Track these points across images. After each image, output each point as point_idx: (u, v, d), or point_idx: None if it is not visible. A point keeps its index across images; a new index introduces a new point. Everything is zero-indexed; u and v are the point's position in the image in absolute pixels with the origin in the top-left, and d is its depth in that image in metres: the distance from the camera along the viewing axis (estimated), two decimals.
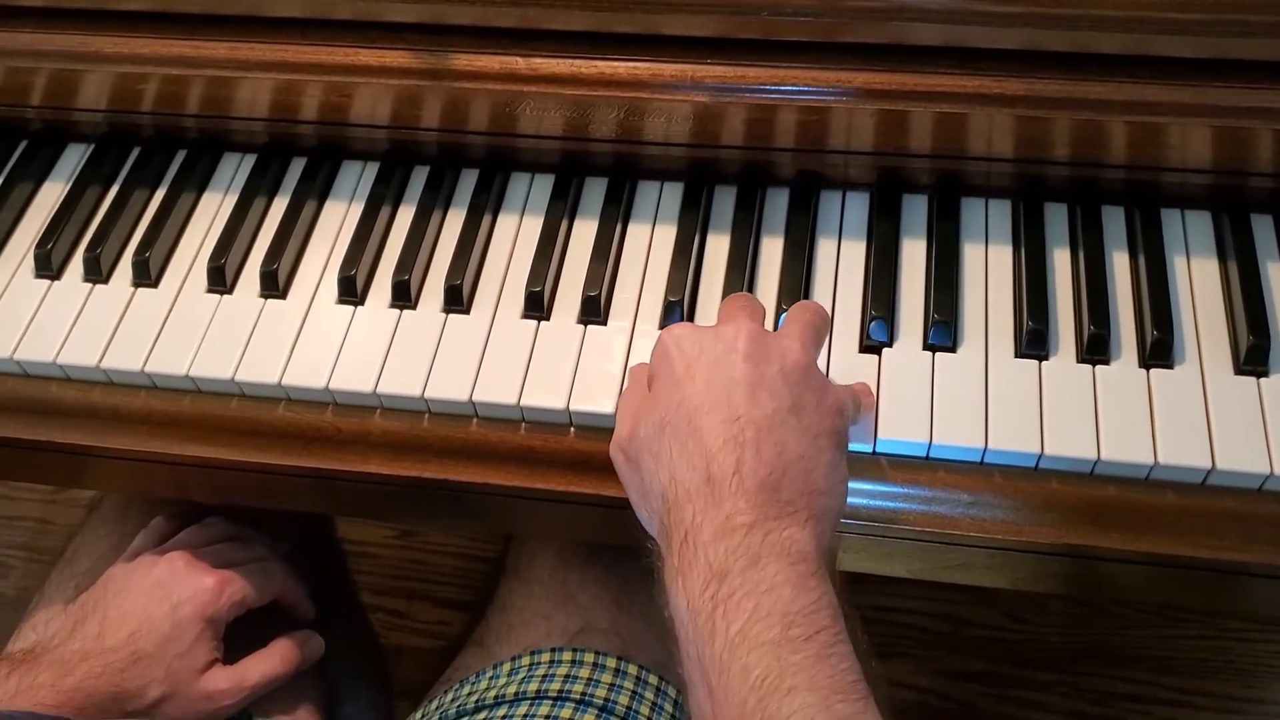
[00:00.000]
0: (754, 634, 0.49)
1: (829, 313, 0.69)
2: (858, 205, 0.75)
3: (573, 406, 0.67)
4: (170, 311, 0.74)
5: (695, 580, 0.52)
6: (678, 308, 0.70)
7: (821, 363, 0.68)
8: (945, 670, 1.40)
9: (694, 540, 0.52)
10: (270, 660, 0.78)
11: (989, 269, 0.71)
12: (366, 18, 0.73)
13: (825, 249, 0.73)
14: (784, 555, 0.52)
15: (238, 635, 0.78)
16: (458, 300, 0.72)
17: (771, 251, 0.74)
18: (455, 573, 1.53)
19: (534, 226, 0.76)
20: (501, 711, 0.71)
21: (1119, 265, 0.71)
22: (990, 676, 1.40)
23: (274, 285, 0.74)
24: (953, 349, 0.68)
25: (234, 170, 0.81)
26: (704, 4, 0.68)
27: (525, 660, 0.76)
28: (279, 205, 0.79)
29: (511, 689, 0.73)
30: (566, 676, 0.73)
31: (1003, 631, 1.42)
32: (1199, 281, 0.70)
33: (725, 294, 0.71)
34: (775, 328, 0.69)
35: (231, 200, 0.79)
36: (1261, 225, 0.71)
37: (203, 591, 0.76)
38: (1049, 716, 1.38)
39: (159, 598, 0.75)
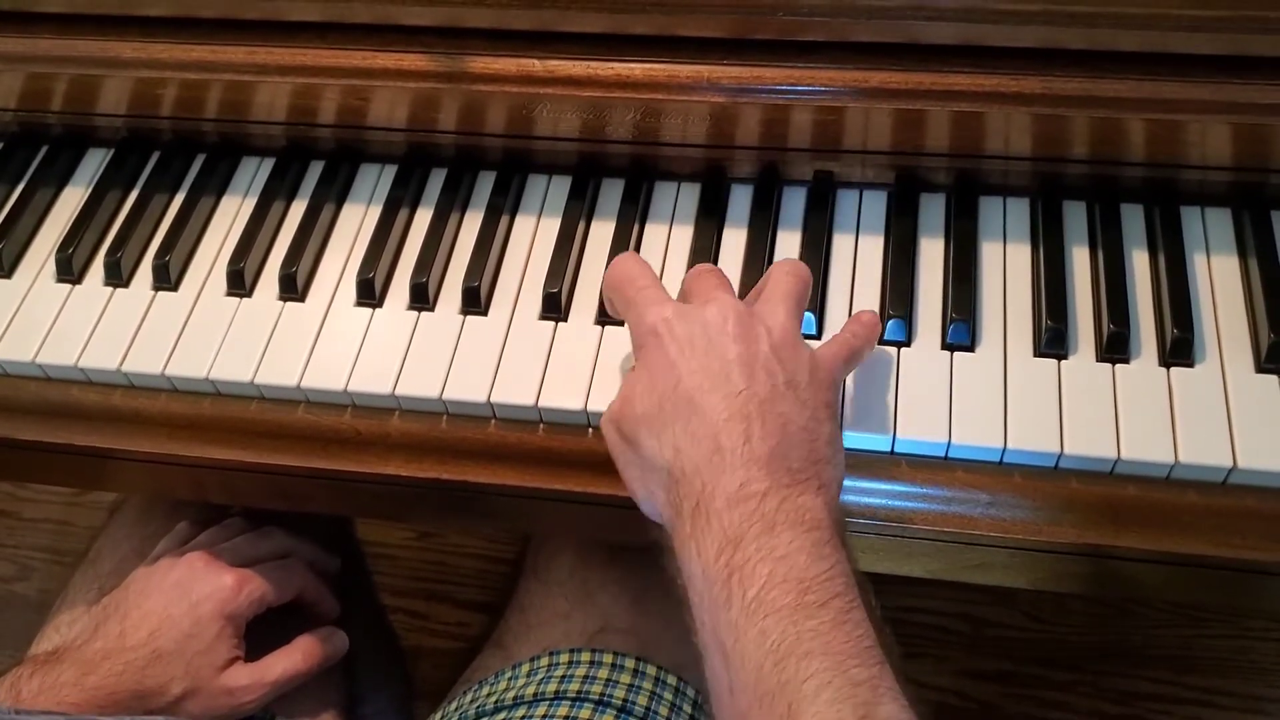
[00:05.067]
0: (770, 599, 0.50)
1: (841, 317, 0.69)
2: (875, 204, 0.75)
3: (590, 407, 0.67)
4: (190, 315, 0.74)
5: (710, 546, 0.52)
6: None
7: None
8: (965, 670, 1.40)
9: (706, 507, 0.53)
10: (292, 657, 0.79)
11: (1007, 268, 0.71)
12: (384, 21, 0.73)
13: (842, 248, 0.73)
14: (799, 523, 0.52)
15: (264, 634, 0.79)
16: (475, 302, 0.72)
17: (788, 250, 0.73)
18: (475, 574, 1.54)
19: (551, 228, 0.76)
20: (520, 712, 0.71)
21: (1138, 263, 0.70)
22: (1010, 676, 1.39)
23: (293, 288, 0.74)
24: (971, 348, 0.68)
25: (253, 174, 0.82)
26: (719, 5, 0.68)
27: (544, 661, 0.76)
28: (297, 208, 0.79)
29: (530, 689, 0.73)
30: (585, 677, 0.73)
31: (1023, 631, 1.42)
32: (1219, 279, 0.70)
33: (743, 294, 0.71)
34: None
35: (250, 204, 0.80)
36: None
37: (221, 589, 0.76)
38: (1070, 716, 1.37)
39: (178, 597, 0.76)
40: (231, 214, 0.80)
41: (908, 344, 0.68)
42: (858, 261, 0.72)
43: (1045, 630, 1.42)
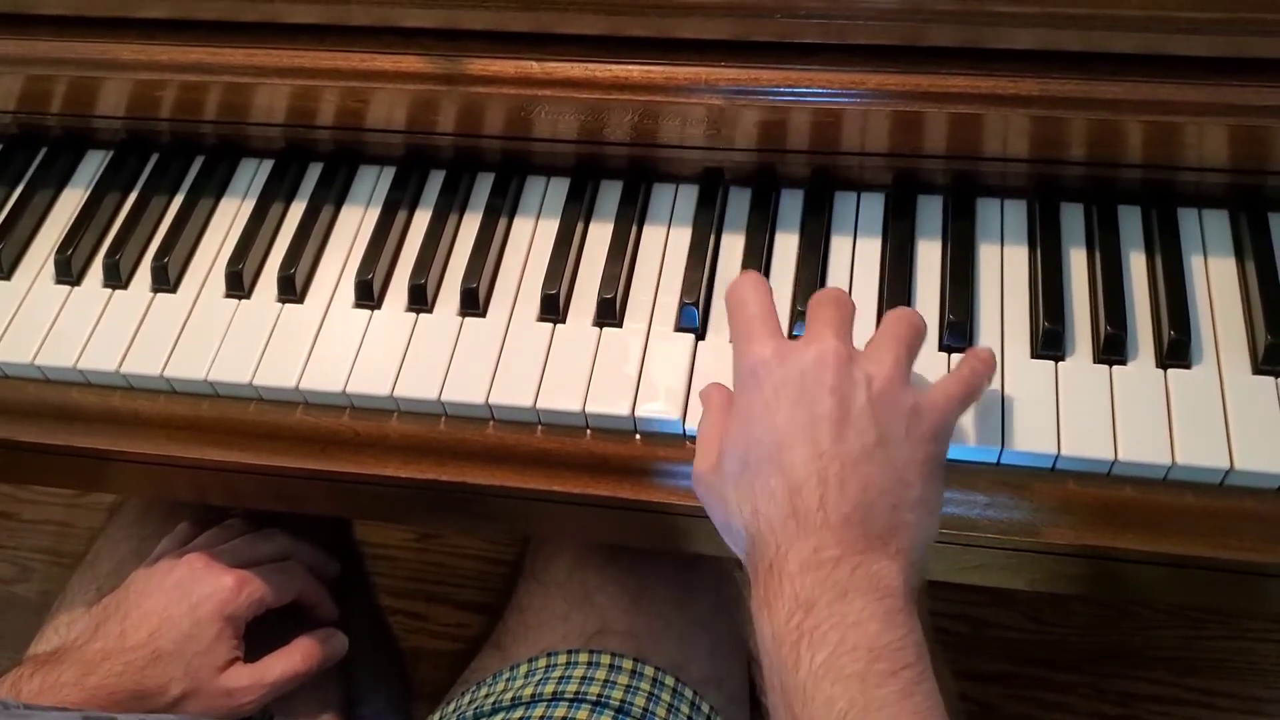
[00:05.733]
0: (839, 665, 0.49)
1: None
2: (873, 206, 0.75)
3: (588, 409, 0.68)
4: (189, 316, 0.75)
5: (781, 610, 0.52)
6: (693, 310, 0.70)
7: None
8: (965, 671, 1.40)
9: (779, 571, 0.52)
10: (291, 658, 0.79)
11: (1004, 269, 0.71)
12: (382, 23, 0.73)
13: (840, 250, 0.73)
14: (872, 590, 0.51)
15: (263, 635, 0.79)
16: (474, 303, 0.72)
17: (786, 252, 0.73)
18: (474, 575, 1.54)
19: (550, 229, 0.76)
20: (518, 713, 0.71)
21: (1135, 265, 0.70)
22: (1011, 678, 1.39)
23: (291, 289, 0.75)
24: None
25: (251, 175, 0.82)
26: (717, 7, 0.68)
27: (542, 662, 0.76)
28: (296, 210, 0.79)
29: (528, 691, 0.73)
30: (583, 678, 0.74)
31: (1023, 632, 1.42)
32: (1216, 281, 0.69)
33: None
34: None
35: (249, 205, 0.80)
36: None
37: (221, 590, 0.76)
38: (1070, 717, 1.37)
39: (179, 597, 0.76)
40: (230, 216, 0.80)
41: None
42: (855, 264, 0.72)
43: (1045, 631, 1.42)
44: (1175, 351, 0.66)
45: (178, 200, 0.81)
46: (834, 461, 0.53)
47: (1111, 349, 0.66)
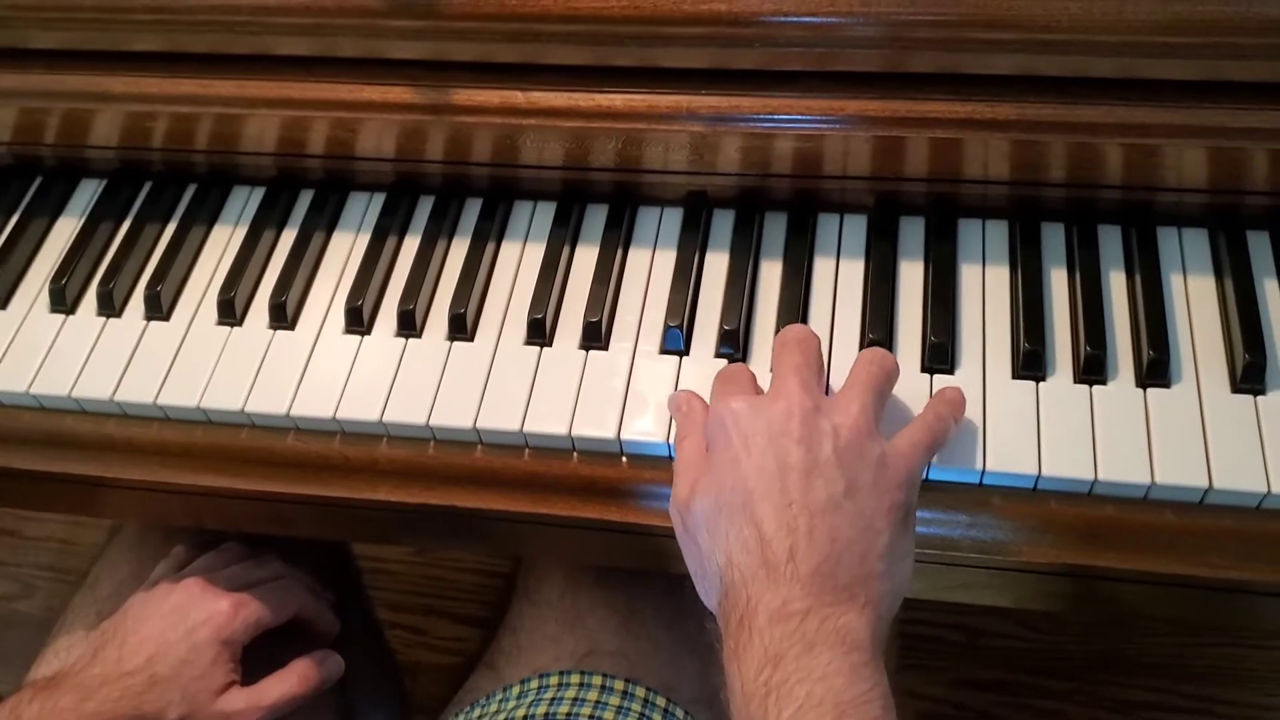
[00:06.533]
0: None
1: (823, 341, 0.67)
2: (855, 228, 0.75)
3: (575, 432, 0.68)
4: (181, 344, 0.75)
5: (750, 664, 0.52)
6: (678, 332, 0.71)
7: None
8: (961, 680, 1.40)
9: (750, 624, 0.53)
10: (288, 680, 0.79)
11: (986, 290, 0.72)
12: (370, 55, 0.74)
13: (823, 271, 0.74)
14: (839, 644, 0.52)
15: (259, 656, 0.80)
16: (462, 328, 0.73)
17: (770, 274, 0.74)
18: (473, 589, 1.54)
19: (536, 254, 0.77)
20: None
21: (1115, 285, 0.71)
22: (1006, 686, 1.40)
23: (283, 316, 0.75)
24: (950, 370, 0.68)
25: (243, 204, 0.83)
26: (699, 37, 0.68)
27: (534, 683, 0.77)
28: (287, 237, 0.80)
29: (520, 712, 0.74)
30: (574, 699, 0.74)
31: (1018, 641, 1.42)
32: (1195, 300, 0.70)
33: (724, 317, 0.71)
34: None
35: (241, 233, 0.81)
36: (1258, 242, 0.71)
37: (218, 614, 0.77)
38: None
39: (175, 622, 0.77)
40: (222, 243, 0.81)
41: None
42: (838, 285, 0.73)
43: (1041, 639, 1.42)
44: (1155, 371, 0.66)
45: (170, 229, 0.82)
46: (803, 511, 0.54)
47: (1092, 369, 0.67)
